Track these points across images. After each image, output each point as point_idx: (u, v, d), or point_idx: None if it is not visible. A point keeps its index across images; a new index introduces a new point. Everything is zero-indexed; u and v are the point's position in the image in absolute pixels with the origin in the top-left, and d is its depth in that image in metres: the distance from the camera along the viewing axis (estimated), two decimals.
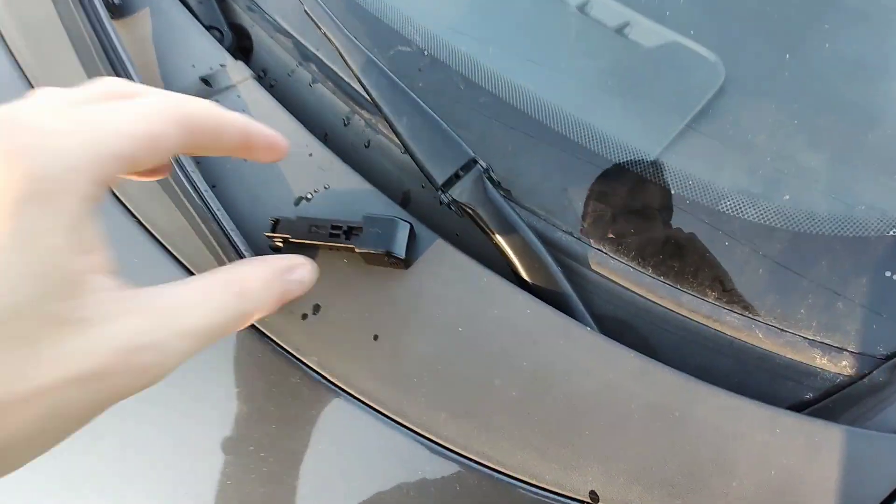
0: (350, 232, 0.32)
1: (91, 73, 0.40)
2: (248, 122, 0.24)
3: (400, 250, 0.32)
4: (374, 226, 0.31)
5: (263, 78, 0.47)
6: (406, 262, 0.33)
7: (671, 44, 0.42)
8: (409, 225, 0.33)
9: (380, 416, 0.31)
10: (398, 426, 0.31)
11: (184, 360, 0.19)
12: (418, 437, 0.31)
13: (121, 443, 0.32)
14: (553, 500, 0.29)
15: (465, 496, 0.30)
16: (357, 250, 0.31)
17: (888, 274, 0.34)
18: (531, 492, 0.29)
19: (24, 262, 0.14)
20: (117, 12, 0.45)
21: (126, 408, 0.33)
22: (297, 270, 0.26)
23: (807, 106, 0.38)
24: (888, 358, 0.33)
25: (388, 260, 0.32)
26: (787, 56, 0.38)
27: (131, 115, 0.19)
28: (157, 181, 0.37)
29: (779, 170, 0.37)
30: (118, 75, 0.40)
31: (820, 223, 0.35)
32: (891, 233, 0.34)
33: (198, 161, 0.39)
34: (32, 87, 0.42)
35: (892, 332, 0.33)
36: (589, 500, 0.29)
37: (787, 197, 0.36)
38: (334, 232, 0.32)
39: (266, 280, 0.23)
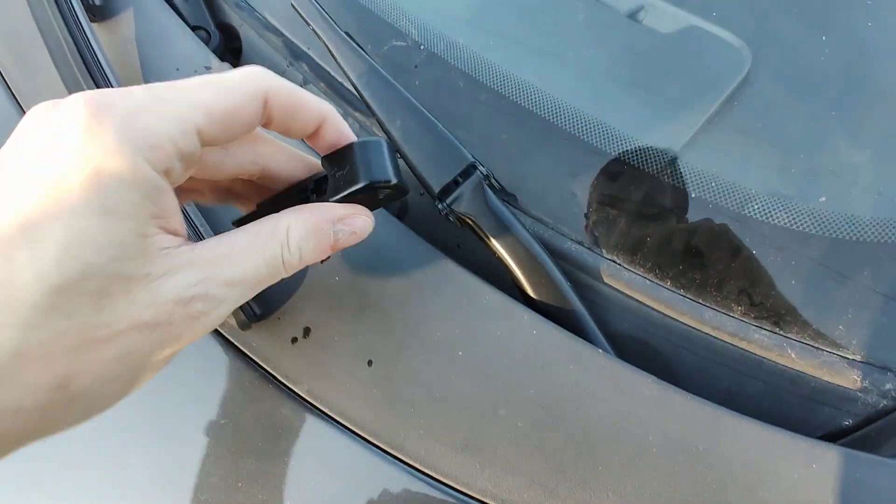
0: (318, 186, 0.25)
1: (67, 77, 0.38)
2: (329, 109, 0.24)
3: (385, 173, 0.24)
4: (338, 164, 0.24)
5: None
6: (402, 191, 0.25)
7: (690, 28, 0.38)
8: (381, 140, 0.25)
9: (375, 449, 0.29)
10: (395, 460, 0.29)
11: (234, 307, 0.21)
12: (416, 473, 0.28)
13: (105, 475, 0.30)
14: None
15: None
16: (331, 200, 0.24)
17: None
18: None
19: (107, 229, 0.17)
20: (99, 14, 0.43)
21: (111, 441, 0.31)
22: (349, 220, 0.24)
23: (845, 94, 0.34)
24: None
25: (381, 195, 0.25)
26: (823, 37, 0.34)
27: (211, 89, 0.20)
28: None
29: (813, 168, 0.33)
30: (95, 81, 0.37)
31: (862, 227, 0.31)
32: None
33: None
34: (10, 89, 0.40)
35: None
36: None
37: (824, 199, 0.32)
38: (301, 195, 0.25)
39: (315, 229, 0.22)
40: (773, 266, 0.32)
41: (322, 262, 0.28)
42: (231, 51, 0.47)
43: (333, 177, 0.24)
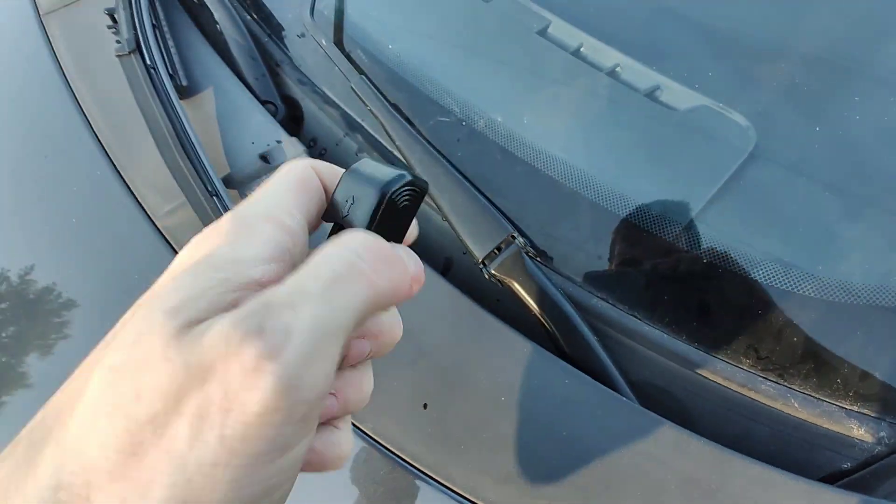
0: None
1: (164, 152, 0.45)
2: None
3: (395, 176, 0.20)
4: (341, 204, 0.21)
5: (314, 147, 0.51)
6: (421, 186, 0.21)
7: (702, 108, 0.44)
8: (364, 160, 0.22)
9: (429, 480, 0.34)
10: (446, 490, 0.33)
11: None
12: (464, 501, 0.33)
13: None
14: None
15: None
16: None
17: None
18: None
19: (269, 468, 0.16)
20: (185, 92, 0.50)
21: None
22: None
23: (840, 174, 0.39)
24: None
25: (403, 203, 0.21)
26: (817, 129, 0.39)
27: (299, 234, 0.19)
28: None
29: (811, 239, 0.37)
30: (188, 155, 0.44)
31: (854, 293, 0.36)
32: None
33: None
34: (114, 165, 0.47)
35: None
36: None
37: (821, 266, 0.36)
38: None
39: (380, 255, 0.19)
40: (777, 324, 0.36)
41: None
42: (294, 119, 0.54)
43: (352, 204, 0.20)
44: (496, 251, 0.37)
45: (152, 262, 0.43)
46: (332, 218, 0.21)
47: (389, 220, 0.21)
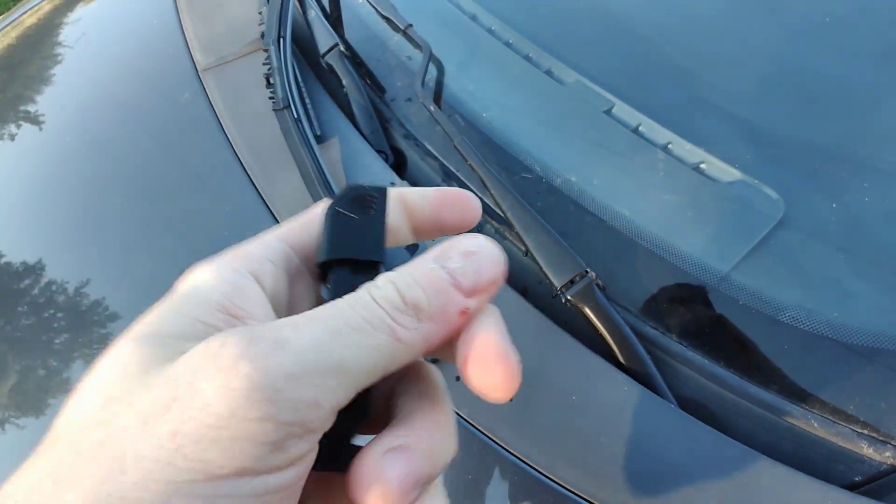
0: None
1: (309, 186, 0.57)
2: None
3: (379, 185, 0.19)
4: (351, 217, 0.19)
5: None
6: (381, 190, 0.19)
7: (740, 181, 0.54)
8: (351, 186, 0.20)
9: (514, 458, 0.42)
10: (529, 468, 0.42)
11: None
12: (544, 478, 0.41)
13: None
14: None
15: None
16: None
17: None
18: None
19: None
20: (320, 139, 0.63)
21: None
22: (454, 245, 0.18)
23: (854, 240, 0.48)
24: None
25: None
26: (833, 205, 0.48)
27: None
28: None
29: (830, 291, 0.46)
30: (326, 189, 0.56)
31: (864, 336, 0.44)
32: None
33: None
34: (261, 196, 0.59)
35: None
36: None
37: (836, 314, 0.45)
38: None
39: (421, 275, 0.17)
40: (800, 358, 0.45)
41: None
42: (398, 166, 0.66)
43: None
44: (571, 282, 0.47)
45: None
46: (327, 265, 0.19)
47: (347, 230, 0.18)
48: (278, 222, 0.57)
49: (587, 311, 0.46)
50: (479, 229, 0.58)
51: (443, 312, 0.16)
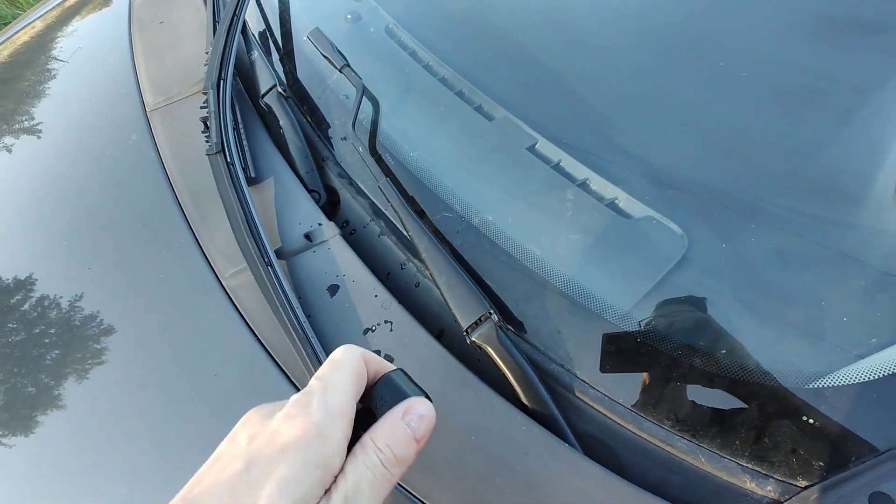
0: (361, 416, 0.33)
1: (235, 229, 0.59)
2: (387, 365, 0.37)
3: (414, 392, 0.35)
4: (379, 395, 0.34)
5: (346, 226, 0.65)
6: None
7: (648, 218, 0.56)
8: (398, 370, 0.36)
9: (411, 496, 0.44)
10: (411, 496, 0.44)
11: None
12: None
13: None
14: None
15: None
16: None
17: (805, 419, 0.44)
18: None
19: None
20: (252, 182, 0.65)
21: None
22: (411, 409, 0.33)
23: (751, 276, 0.50)
24: (806, 488, 0.42)
25: None
26: (724, 245, 0.50)
27: (355, 379, 0.33)
28: (272, 311, 0.54)
29: (721, 328, 0.48)
30: (252, 232, 0.58)
31: (751, 373, 0.46)
32: (808, 386, 0.44)
33: (299, 297, 0.56)
34: (195, 234, 0.62)
35: (808, 466, 0.43)
36: None
37: (724, 351, 0.47)
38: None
39: (391, 429, 0.32)
40: (693, 394, 0.47)
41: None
42: (332, 203, 0.68)
43: (382, 402, 0.34)
44: (476, 323, 0.49)
45: (216, 314, 0.56)
46: (365, 403, 0.34)
47: None
48: (210, 264, 0.60)
49: (490, 351, 0.48)
50: (401, 267, 0.60)
51: (408, 455, 0.32)
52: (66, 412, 0.53)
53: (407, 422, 0.32)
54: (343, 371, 0.33)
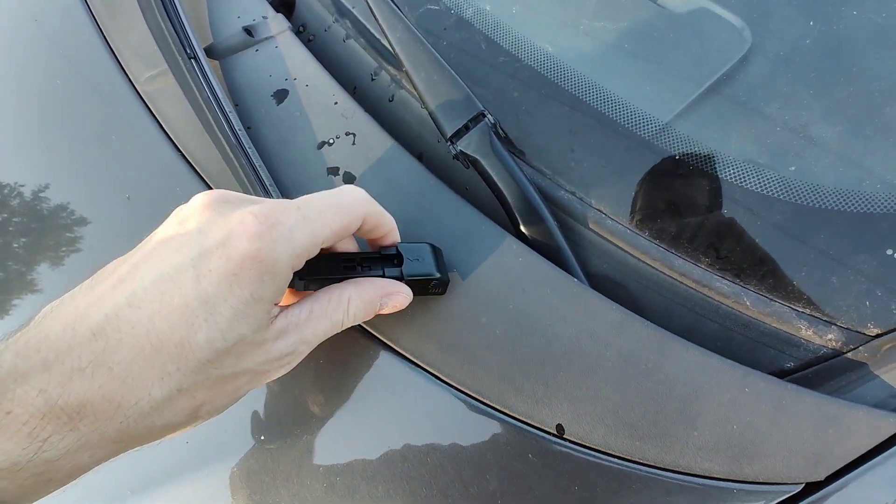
0: (363, 262, 0.32)
1: (151, 23, 0.44)
2: (392, 224, 0.32)
3: (431, 270, 0.32)
4: (396, 257, 0.32)
5: (302, 32, 0.50)
6: (443, 283, 0.33)
7: (699, 10, 0.42)
8: (427, 244, 0.33)
9: (382, 344, 0.35)
10: (392, 352, 0.34)
11: (305, 356, 0.29)
12: (408, 363, 0.34)
13: None
14: (523, 428, 0.32)
15: (447, 418, 0.33)
16: (406, 279, 0.32)
17: (889, 252, 0.33)
18: (504, 420, 0.32)
19: (256, 311, 0.25)
20: None
21: None
22: (394, 296, 0.31)
23: (827, 76, 0.37)
24: (878, 336, 0.33)
25: (430, 286, 0.33)
26: (811, 23, 0.37)
27: (336, 213, 0.28)
28: (201, 121, 0.41)
29: (788, 140, 0.36)
30: (174, 25, 0.44)
31: (824, 196, 0.35)
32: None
33: (236, 104, 0.43)
34: (106, 42, 0.47)
35: (885, 310, 0.33)
36: (555, 433, 0.32)
37: (793, 168, 0.35)
38: (346, 264, 0.31)
39: (369, 301, 0.30)
40: (741, 224, 0.36)
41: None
42: (284, 5, 0.53)
43: (391, 264, 0.32)
44: (465, 128, 0.37)
45: (133, 128, 0.44)
46: (383, 255, 0.32)
47: (409, 283, 0.32)
48: (122, 67, 0.46)
49: (483, 163, 0.37)
50: (371, 78, 0.46)
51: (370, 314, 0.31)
52: None
53: (383, 302, 0.31)
54: (333, 216, 0.28)
